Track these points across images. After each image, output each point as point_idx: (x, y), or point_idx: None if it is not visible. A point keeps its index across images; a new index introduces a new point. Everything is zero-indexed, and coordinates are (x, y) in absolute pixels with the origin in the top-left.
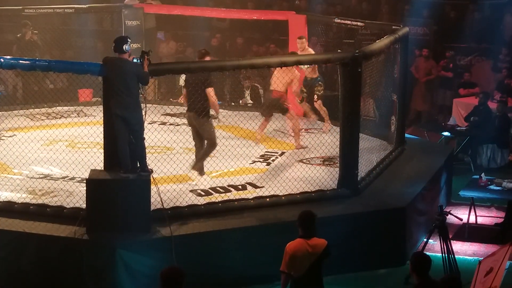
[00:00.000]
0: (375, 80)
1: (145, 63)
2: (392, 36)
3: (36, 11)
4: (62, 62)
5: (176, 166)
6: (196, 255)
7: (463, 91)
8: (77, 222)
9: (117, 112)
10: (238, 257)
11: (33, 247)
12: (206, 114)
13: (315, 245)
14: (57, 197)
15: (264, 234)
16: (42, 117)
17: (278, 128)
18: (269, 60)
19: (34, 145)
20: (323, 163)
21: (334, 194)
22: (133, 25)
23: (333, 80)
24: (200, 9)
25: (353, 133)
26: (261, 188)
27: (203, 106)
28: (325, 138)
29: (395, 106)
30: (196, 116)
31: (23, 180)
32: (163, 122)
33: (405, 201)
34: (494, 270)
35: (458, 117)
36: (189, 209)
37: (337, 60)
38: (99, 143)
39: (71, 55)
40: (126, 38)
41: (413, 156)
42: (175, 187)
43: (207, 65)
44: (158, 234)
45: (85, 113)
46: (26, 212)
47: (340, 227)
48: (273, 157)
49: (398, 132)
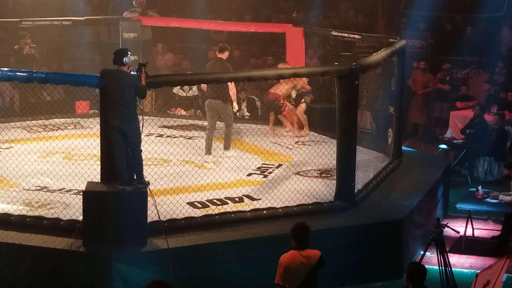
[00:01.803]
0: (372, 93)
1: (142, 75)
2: (389, 48)
3: (33, 23)
4: (59, 74)
5: (173, 178)
6: (193, 267)
7: (460, 104)
8: (74, 234)
9: (114, 124)
10: (235, 270)
11: (29, 259)
12: (229, 101)
13: (309, 256)
14: (54, 209)
15: (261, 247)
16: (39, 129)
17: (275, 140)
18: (266, 72)
19: (31, 157)
20: (320, 175)
21: (331, 207)
22: (131, 37)
23: (330, 92)
24: (197, 22)
25: (350, 145)
26: (258, 201)
27: (225, 95)
28: (322, 150)
29: (392, 118)
30: (222, 103)
31: (19, 192)
32: (160, 134)
33: (402, 214)
34: (491, 283)
35: (455, 129)
36: (186, 221)
37: (334, 72)
38: (96, 155)
39: (69, 67)
40: (126, 51)
41: (410, 168)
42: (172, 199)
43: (205, 78)
44: (154, 246)
45: (82, 125)
46: (22, 224)
47: (337, 239)
48: (270, 169)
49: (395, 144)
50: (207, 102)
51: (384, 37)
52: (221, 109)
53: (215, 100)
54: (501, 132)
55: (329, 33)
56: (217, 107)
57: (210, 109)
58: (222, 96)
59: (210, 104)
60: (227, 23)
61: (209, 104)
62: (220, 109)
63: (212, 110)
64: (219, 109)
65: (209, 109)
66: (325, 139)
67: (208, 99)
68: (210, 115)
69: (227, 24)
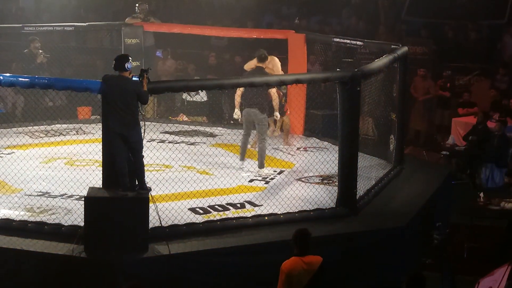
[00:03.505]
0: (374, 99)
1: (144, 81)
2: (391, 55)
3: (35, 29)
4: (61, 79)
5: (175, 184)
6: (194, 273)
7: (462, 111)
8: (75, 240)
9: (116, 130)
10: (236, 276)
11: (30, 265)
12: (267, 112)
13: (310, 262)
14: (55, 214)
15: (263, 253)
16: (41, 134)
17: (276, 146)
18: (268, 78)
19: (33, 162)
20: (322, 181)
21: (333, 213)
22: (133, 43)
23: (332, 98)
24: (199, 28)
25: (352, 152)
26: (260, 207)
27: (263, 104)
28: (324, 157)
29: (394, 125)
30: (259, 112)
31: (21, 198)
32: (161, 140)
33: (403, 221)
34: None
35: (457, 136)
36: (188, 227)
37: (336, 79)
38: (97, 161)
39: (70, 73)
40: (128, 57)
41: (412, 175)
42: (174, 205)
43: (207, 84)
44: (156, 252)
45: (84, 131)
46: (24, 230)
47: (338, 246)
48: (271, 176)
49: (397, 151)
50: (245, 111)
51: (386, 43)
52: (257, 119)
53: (251, 109)
54: (503, 139)
55: (331, 39)
56: (253, 117)
57: (247, 119)
58: (260, 105)
59: (246, 113)
60: (229, 29)
61: (245, 113)
62: (256, 118)
63: (249, 120)
64: (255, 119)
65: (246, 119)
66: (327, 145)
67: (245, 107)
68: (247, 125)
69: (229, 30)
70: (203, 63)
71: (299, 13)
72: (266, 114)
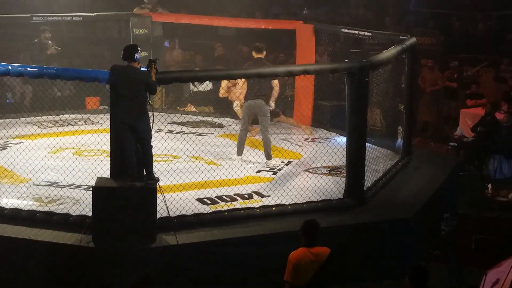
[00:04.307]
0: (382, 90)
1: (153, 71)
2: (399, 46)
3: (44, 19)
4: (69, 69)
5: (183, 174)
6: (202, 263)
7: (470, 102)
8: (83, 230)
9: (124, 120)
10: (244, 266)
11: (39, 255)
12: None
13: (318, 253)
14: (63, 204)
15: (270, 243)
16: (49, 124)
17: (284, 137)
18: (276, 69)
19: (41, 152)
20: (330, 172)
21: (340, 204)
22: (141, 33)
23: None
24: (208, 18)
25: (360, 142)
26: (267, 197)
27: (267, 95)
28: (332, 148)
29: (402, 116)
30: (264, 103)
31: (29, 188)
32: (169, 130)
33: (411, 212)
34: (500, 281)
35: (465, 128)
36: (195, 218)
37: (344, 69)
38: (105, 151)
39: (79, 63)
40: (137, 47)
41: (420, 166)
42: (181, 196)
43: (215, 74)
44: (164, 242)
45: (92, 121)
46: (32, 220)
47: (345, 236)
48: (279, 166)
49: (405, 142)
50: (248, 103)
51: (395, 34)
52: (261, 111)
53: (256, 100)
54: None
55: (340, 30)
56: (257, 109)
57: (250, 111)
58: (266, 96)
59: (250, 105)
60: (238, 20)
61: (248, 106)
62: (261, 110)
63: (251, 113)
64: (259, 111)
65: (249, 112)
66: (335, 136)
67: (248, 99)
68: (247, 119)
69: (238, 20)
70: (211, 54)
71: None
72: (268, 105)
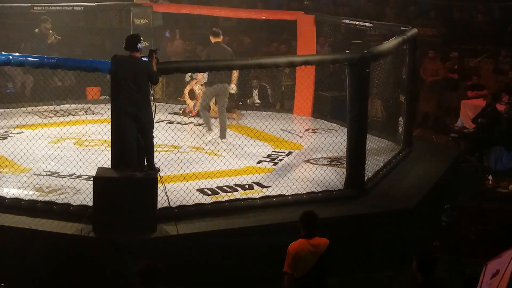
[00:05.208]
0: (383, 81)
1: (153, 61)
2: (401, 37)
3: (45, 8)
4: (70, 59)
5: (183, 164)
6: (202, 253)
7: (471, 93)
8: (84, 219)
9: (127, 110)
10: (244, 257)
11: (39, 244)
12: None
13: (317, 244)
14: (64, 194)
15: (270, 234)
16: (50, 114)
17: (285, 128)
18: (278, 60)
19: (42, 142)
20: (330, 163)
21: (341, 195)
22: (142, 23)
23: (341, 80)
24: (208, 8)
25: (361, 133)
26: (268, 188)
27: (230, 78)
28: (333, 139)
29: (403, 107)
30: (228, 86)
31: (30, 177)
32: (170, 120)
33: (411, 203)
34: (501, 272)
35: (466, 119)
36: (196, 208)
37: (345, 60)
38: (106, 141)
39: (79, 53)
40: (139, 37)
41: (420, 157)
42: (182, 186)
43: (215, 64)
44: (164, 232)
45: (92, 111)
46: (33, 209)
47: (346, 227)
48: (280, 157)
49: (406, 133)
50: (219, 85)
51: (396, 25)
52: (225, 93)
53: (224, 84)
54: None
55: (341, 20)
56: (222, 90)
57: (216, 92)
58: (229, 79)
59: (219, 88)
60: (239, 10)
61: (216, 88)
62: (223, 92)
63: (216, 94)
64: (223, 93)
65: (215, 93)
66: (336, 127)
67: (218, 82)
68: (210, 99)
69: (239, 11)
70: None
71: None
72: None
